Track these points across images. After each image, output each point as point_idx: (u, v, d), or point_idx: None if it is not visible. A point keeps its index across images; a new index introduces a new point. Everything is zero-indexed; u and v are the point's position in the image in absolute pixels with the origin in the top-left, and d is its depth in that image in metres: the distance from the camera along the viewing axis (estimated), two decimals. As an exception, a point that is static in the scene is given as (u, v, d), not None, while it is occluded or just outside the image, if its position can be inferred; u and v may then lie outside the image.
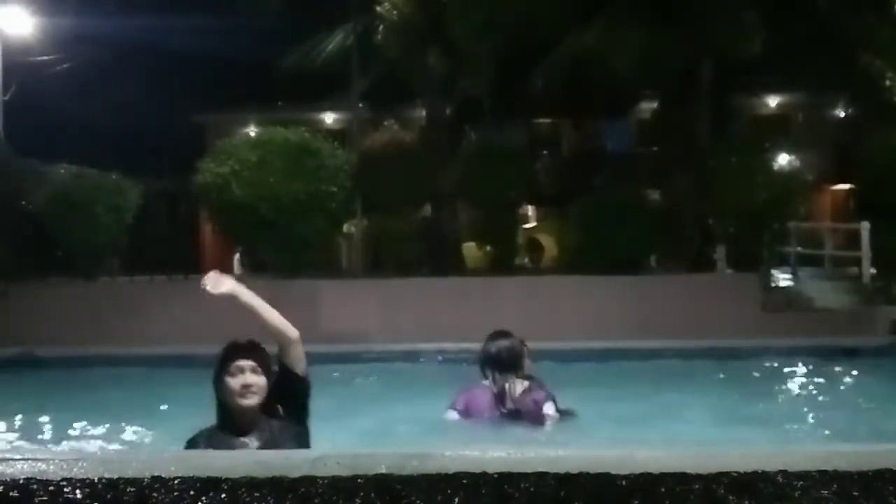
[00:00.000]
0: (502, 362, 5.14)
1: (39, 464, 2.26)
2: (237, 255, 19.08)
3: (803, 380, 8.61)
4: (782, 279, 13.54)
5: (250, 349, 3.48)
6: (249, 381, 3.40)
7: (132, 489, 2.07)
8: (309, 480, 2.11)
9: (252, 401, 3.42)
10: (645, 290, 11.27)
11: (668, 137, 13.81)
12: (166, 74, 24.18)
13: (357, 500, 2.03)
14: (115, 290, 12.05)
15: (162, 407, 6.71)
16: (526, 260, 17.18)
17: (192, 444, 3.47)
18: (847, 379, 8.36)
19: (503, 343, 5.22)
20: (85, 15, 17.31)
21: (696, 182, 12.63)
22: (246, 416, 3.45)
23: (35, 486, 2.08)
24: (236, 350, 3.48)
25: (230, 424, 3.47)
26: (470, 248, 15.48)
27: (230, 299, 3.54)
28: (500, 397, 5.07)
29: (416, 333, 10.06)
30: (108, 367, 9.02)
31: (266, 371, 3.49)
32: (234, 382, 3.40)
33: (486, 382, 5.18)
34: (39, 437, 5.85)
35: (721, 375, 8.26)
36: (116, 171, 12.86)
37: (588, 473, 2.10)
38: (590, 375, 8.00)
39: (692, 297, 11.05)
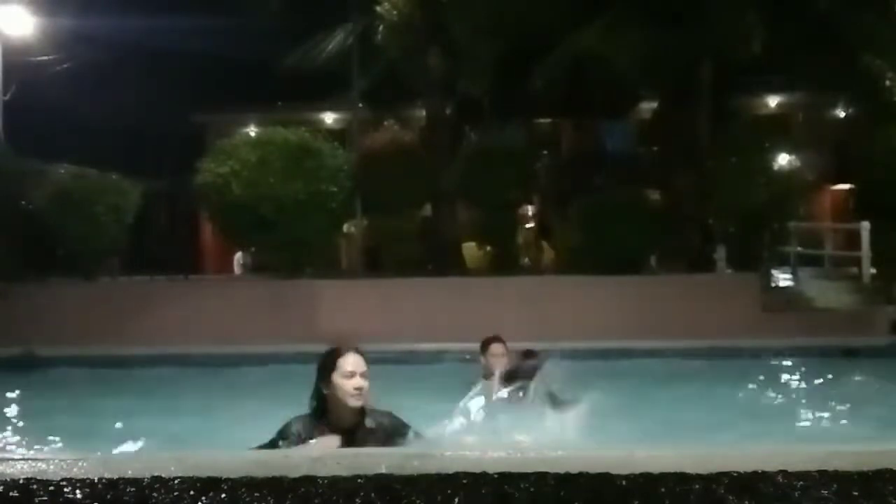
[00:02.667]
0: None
1: (39, 464, 2.26)
2: (237, 255, 19.10)
3: (803, 380, 8.60)
4: (782, 279, 13.53)
5: (361, 354, 3.69)
6: (360, 383, 3.59)
7: (132, 489, 2.07)
8: (309, 480, 2.11)
9: (361, 402, 3.64)
10: (645, 290, 11.26)
11: (668, 137, 13.80)
12: (166, 74, 24.12)
13: (357, 500, 2.03)
14: (115, 290, 12.06)
15: (162, 406, 6.70)
16: (526, 260, 17.18)
17: (287, 428, 3.57)
18: (847, 379, 8.34)
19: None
20: (85, 15, 17.29)
21: (696, 182, 12.63)
22: (351, 415, 3.61)
23: (35, 486, 2.08)
24: (350, 353, 3.67)
25: (329, 421, 3.59)
26: (470, 248, 15.48)
27: None
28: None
29: (416, 333, 10.05)
30: (108, 366, 9.03)
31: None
32: (348, 384, 3.59)
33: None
34: (39, 437, 5.84)
35: (721, 375, 8.25)
36: (116, 171, 12.85)
37: (588, 473, 2.10)
38: (589, 375, 7.98)
39: (692, 297, 11.04)
